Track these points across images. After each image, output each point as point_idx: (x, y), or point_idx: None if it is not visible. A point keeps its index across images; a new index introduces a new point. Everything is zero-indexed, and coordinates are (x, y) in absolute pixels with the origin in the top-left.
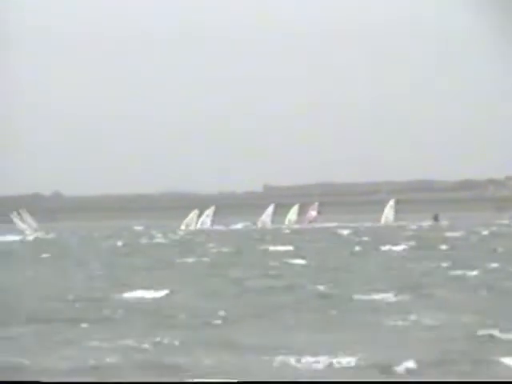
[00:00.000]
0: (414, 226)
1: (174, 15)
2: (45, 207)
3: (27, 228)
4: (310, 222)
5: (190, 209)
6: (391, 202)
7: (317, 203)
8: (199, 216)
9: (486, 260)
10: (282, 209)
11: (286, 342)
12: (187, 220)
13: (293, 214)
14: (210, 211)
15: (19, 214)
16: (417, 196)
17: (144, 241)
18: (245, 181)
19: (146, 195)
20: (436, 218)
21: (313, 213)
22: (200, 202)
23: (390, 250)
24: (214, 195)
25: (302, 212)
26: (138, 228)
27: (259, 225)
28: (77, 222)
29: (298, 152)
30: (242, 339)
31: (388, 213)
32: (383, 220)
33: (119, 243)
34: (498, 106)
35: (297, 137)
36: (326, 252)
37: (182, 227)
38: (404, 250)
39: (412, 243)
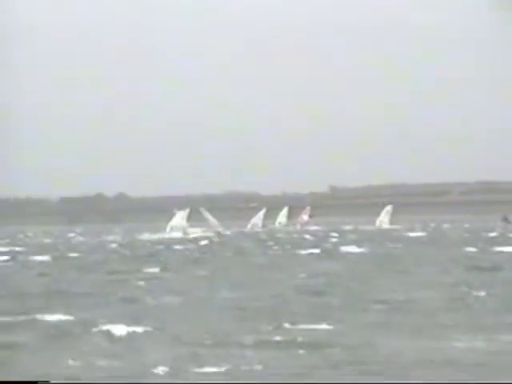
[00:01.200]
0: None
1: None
2: (108, 208)
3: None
4: (302, 225)
5: (255, 210)
6: (388, 208)
7: (309, 207)
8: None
9: None
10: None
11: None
12: (172, 222)
13: (282, 216)
14: (184, 213)
15: (200, 212)
16: (483, 197)
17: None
18: (310, 181)
19: (208, 195)
20: (506, 219)
21: (304, 217)
22: (263, 203)
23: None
24: (278, 195)
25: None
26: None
27: (249, 227)
28: (142, 224)
29: (364, 153)
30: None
31: (384, 217)
32: (377, 223)
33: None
34: None
35: (362, 138)
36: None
37: (168, 229)
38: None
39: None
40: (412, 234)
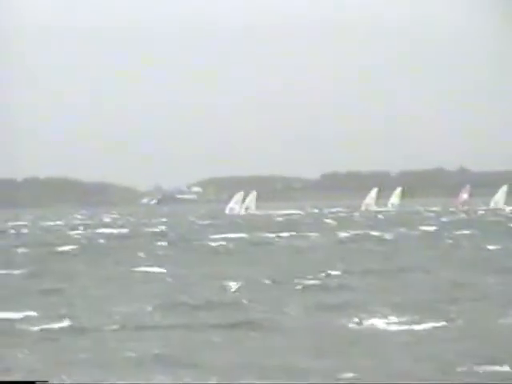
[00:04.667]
0: None
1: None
2: (449, 182)
3: None
4: (462, 204)
5: None
6: (504, 188)
7: (469, 185)
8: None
9: None
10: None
11: None
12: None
13: (395, 197)
14: (252, 196)
15: None
16: None
17: None
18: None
19: None
20: None
21: (464, 195)
22: None
23: None
24: None
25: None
26: None
27: (363, 208)
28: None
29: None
30: None
31: (500, 198)
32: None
33: None
34: None
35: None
36: None
37: (242, 211)
38: None
39: None
40: None
